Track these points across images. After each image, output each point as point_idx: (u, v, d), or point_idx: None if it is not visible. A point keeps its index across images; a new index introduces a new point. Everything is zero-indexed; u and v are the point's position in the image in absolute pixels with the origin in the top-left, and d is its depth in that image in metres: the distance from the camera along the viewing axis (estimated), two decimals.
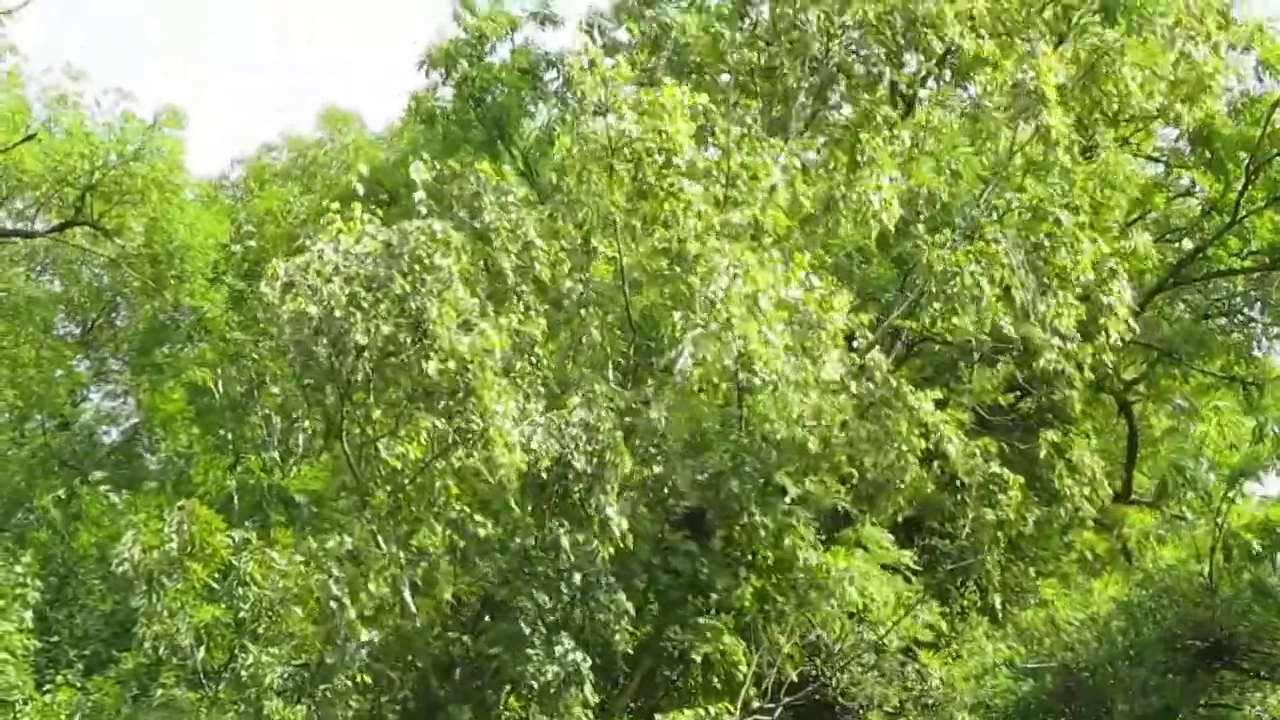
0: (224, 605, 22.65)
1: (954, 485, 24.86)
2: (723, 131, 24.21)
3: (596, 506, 21.37)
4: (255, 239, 38.84)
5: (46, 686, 27.27)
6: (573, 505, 21.49)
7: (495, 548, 21.74)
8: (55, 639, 30.78)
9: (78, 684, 27.08)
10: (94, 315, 46.13)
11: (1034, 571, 31.54)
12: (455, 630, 21.95)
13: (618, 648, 21.61)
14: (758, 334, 21.57)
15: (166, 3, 74.98)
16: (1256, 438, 33.92)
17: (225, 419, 38.13)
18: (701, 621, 23.01)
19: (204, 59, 78.05)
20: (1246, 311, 35.45)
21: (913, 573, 26.48)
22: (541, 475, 21.16)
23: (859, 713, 25.49)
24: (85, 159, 39.08)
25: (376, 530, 21.39)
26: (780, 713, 23.98)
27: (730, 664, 23.12)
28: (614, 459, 21.45)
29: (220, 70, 75.63)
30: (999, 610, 29.51)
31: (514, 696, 21.66)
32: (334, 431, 21.54)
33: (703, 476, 22.81)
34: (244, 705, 21.63)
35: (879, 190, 25.25)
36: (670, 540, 22.80)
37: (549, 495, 21.51)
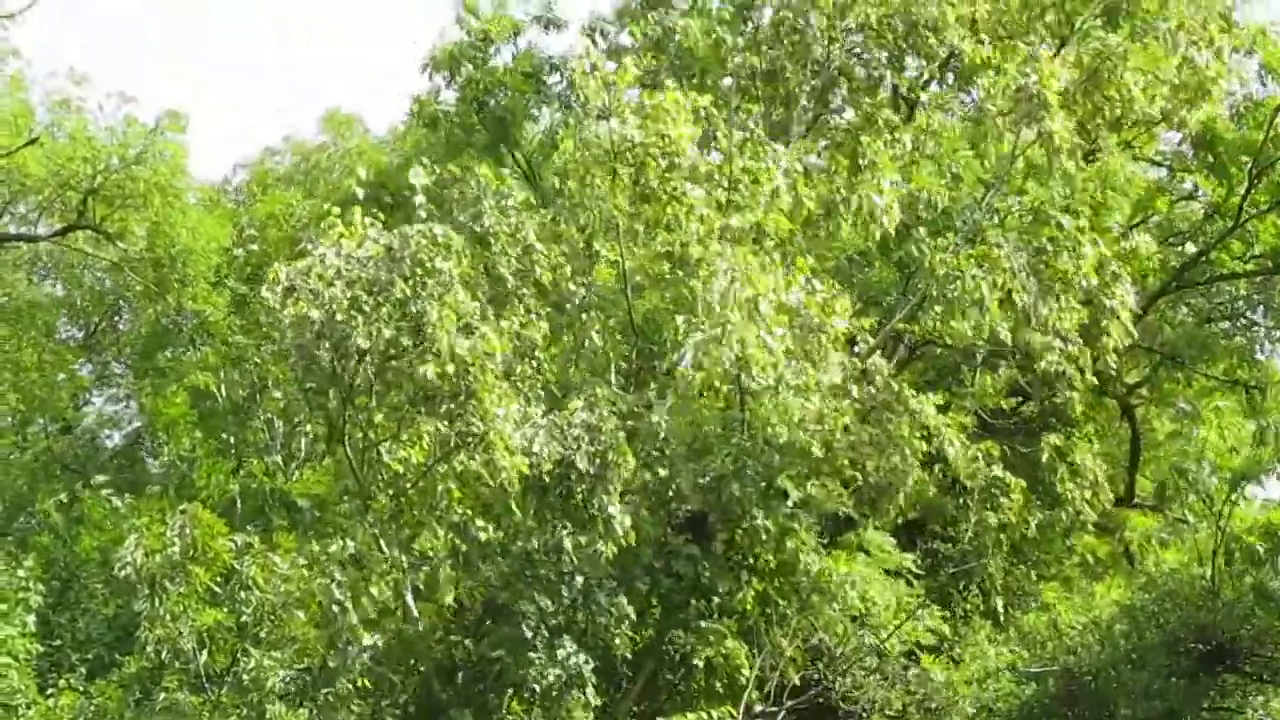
0: (226, 609, 22.67)
1: (956, 489, 24.86)
2: (724, 135, 24.21)
3: (599, 506, 21.37)
4: (257, 243, 38.81)
5: (49, 691, 27.27)
6: (576, 506, 21.48)
7: (497, 551, 21.74)
8: (58, 643, 30.76)
9: (80, 688, 27.08)
10: (96, 319, 46.13)
11: (1036, 575, 31.54)
12: (457, 634, 21.92)
13: (618, 651, 21.60)
14: (756, 338, 21.55)
15: (166, 3, 75.06)
16: (1259, 441, 33.91)
17: (228, 423, 38.10)
18: (704, 625, 22.98)
19: (204, 59, 78.16)
20: (1249, 315, 35.46)
21: (915, 576, 26.48)
22: (544, 478, 21.16)
23: (861, 717, 25.48)
24: (88, 163, 39.08)
25: (379, 534, 21.39)
26: (783, 716, 23.97)
27: (733, 668, 23.11)
28: (616, 459, 21.44)
29: (220, 70, 75.74)
30: (1002, 614, 29.49)
31: (516, 700, 21.65)
32: (336, 435, 21.51)
33: (705, 480, 22.79)
34: (246, 709, 21.63)
35: (880, 194, 25.25)
36: (672, 544, 22.78)
37: (551, 496, 21.50)
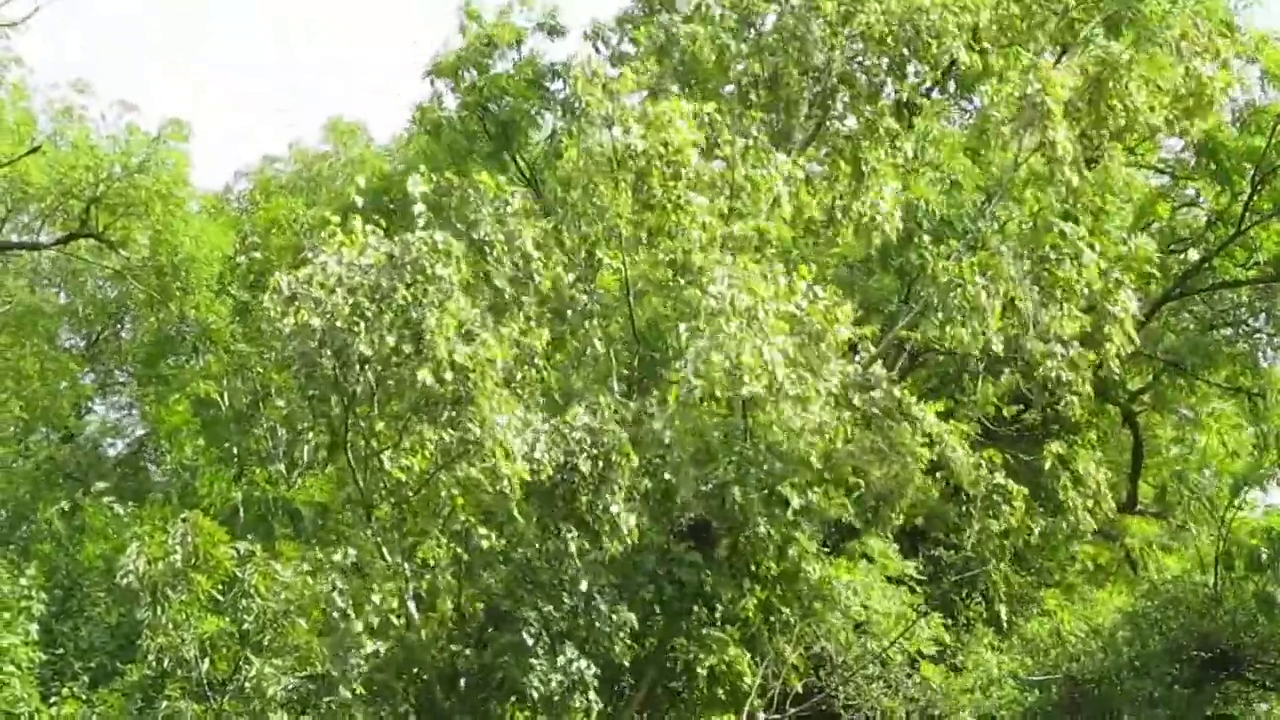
0: (228, 617, 22.69)
1: (959, 496, 24.83)
2: (727, 143, 24.19)
3: (604, 507, 21.37)
4: (260, 250, 38.84)
5: (52, 699, 27.30)
6: (579, 509, 21.47)
7: (499, 559, 21.72)
8: (60, 652, 30.78)
9: (83, 696, 27.12)
10: (99, 327, 46.22)
11: (1038, 582, 31.52)
12: (460, 642, 21.91)
13: (619, 659, 21.57)
14: (752, 347, 21.51)
15: (166, 3, 75.16)
16: (1261, 445, 33.92)
17: (230, 431, 38.12)
18: (706, 633, 22.95)
19: (204, 59, 78.31)
20: (1251, 322, 35.46)
21: (917, 583, 26.46)
22: (545, 483, 21.14)
23: None
24: (90, 171, 39.14)
25: (381, 542, 21.38)
26: None
27: (735, 675, 23.05)
28: (619, 460, 21.44)
29: (220, 70, 75.93)
30: (1005, 621, 29.47)
31: (519, 708, 21.62)
32: (338, 443, 21.50)
33: (707, 487, 22.77)
34: (248, 717, 21.65)
35: (881, 199, 25.23)
36: (675, 551, 22.76)
37: (555, 500, 21.49)
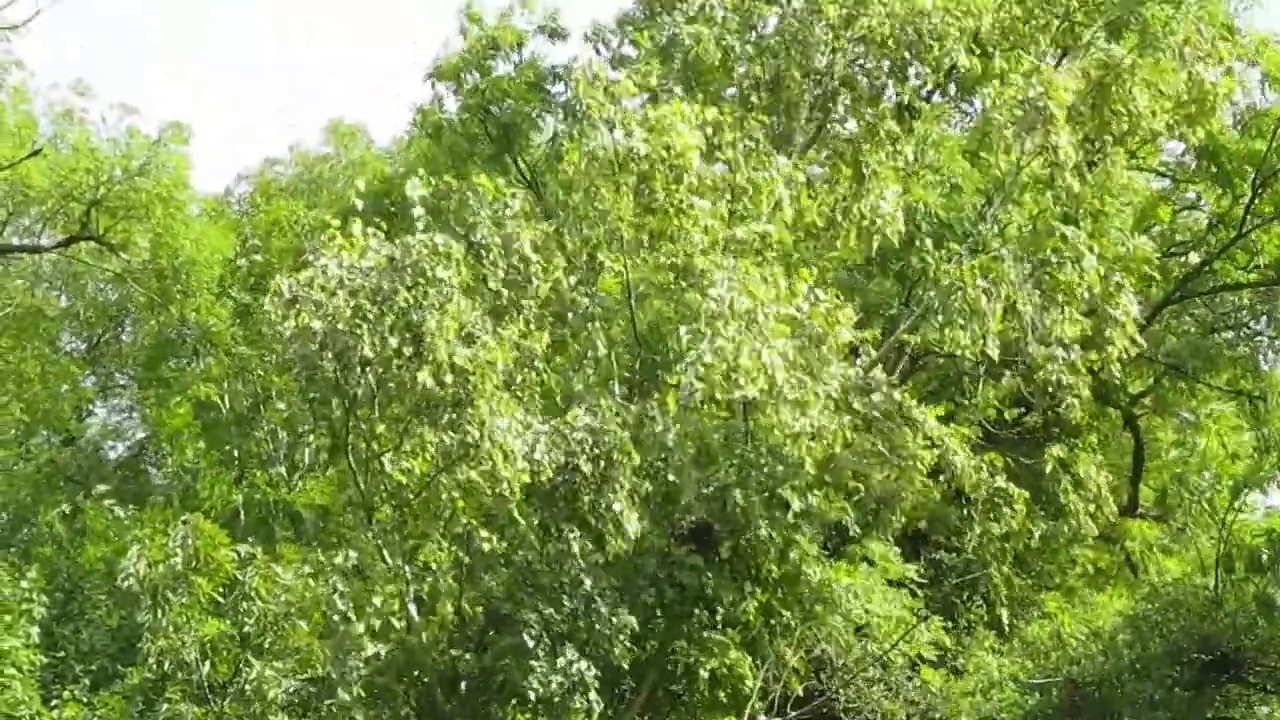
0: (229, 620, 22.67)
1: (960, 500, 24.82)
2: (729, 145, 24.18)
3: (606, 506, 21.36)
4: (261, 253, 38.86)
5: (53, 702, 27.27)
6: (581, 509, 21.47)
7: (500, 562, 21.71)
8: (61, 654, 30.78)
9: (84, 699, 27.10)
10: (100, 330, 46.24)
11: (1038, 585, 31.51)
12: (461, 645, 21.90)
13: (618, 661, 21.56)
14: (751, 350, 21.50)
15: (166, 3, 75.14)
16: (1262, 448, 33.91)
17: (231, 434, 38.12)
18: (707, 636, 22.95)
19: (204, 59, 78.30)
20: (1252, 325, 35.46)
21: (918, 586, 26.45)
22: (546, 485, 21.13)
23: None
24: (91, 174, 39.14)
25: (382, 545, 21.37)
26: None
27: (736, 678, 23.04)
28: (621, 458, 21.43)
29: (220, 70, 75.91)
30: (1006, 624, 29.47)
31: (519, 711, 21.61)
32: (339, 446, 21.50)
33: (709, 490, 22.76)
34: (249, 719, 21.64)
35: (883, 200, 25.23)
36: (676, 554, 22.76)
37: (556, 501, 21.48)
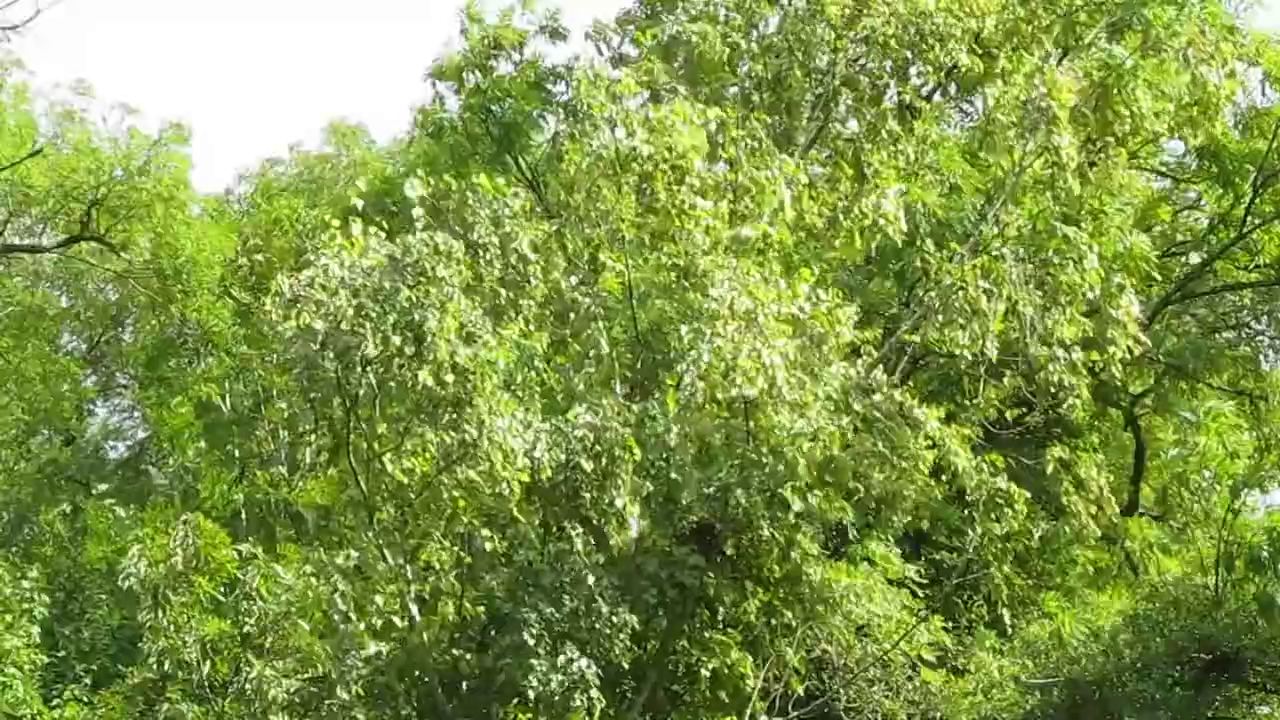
0: (230, 619, 22.69)
1: (961, 500, 24.80)
2: (731, 143, 24.16)
3: (609, 502, 21.35)
4: (261, 253, 38.85)
5: (54, 701, 27.33)
6: (582, 507, 21.46)
7: (501, 561, 21.71)
8: (62, 654, 30.83)
9: (85, 699, 27.17)
10: (101, 330, 46.25)
11: (1038, 585, 31.48)
12: (462, 645, 21.90)
13: (618, 660, 21.56)
14: (750, 350, 21.50)
15: (166, 3, 75.28)
16: (1263, 448, 33.89)
17: (232, 433, 38.11)
18: (709, 636, 22.95)
19: (204, 59, 78.42)
20: (1253, 325, 35.46)
21: (919, 586, 26.44)
22: (547, 483, 21.13)
23: None
24: (91, 174, 39.18)
25: (383, 544, 21.37)
26: None
27: (737, 678, 23.04)
28: (623, 455, 21.43)
29: (220, 70, 76.01)
30: (1007, 624, 29.44)
31: (520, 710, 21.61)
32: (340, 446, 21.49)
33: (710, 490, 22.75)
34: (249, 719, 21.64)
35: (885, 199, 25.24)
36: (677, 554, 22.75)
37: (558, 499, 21.48)
